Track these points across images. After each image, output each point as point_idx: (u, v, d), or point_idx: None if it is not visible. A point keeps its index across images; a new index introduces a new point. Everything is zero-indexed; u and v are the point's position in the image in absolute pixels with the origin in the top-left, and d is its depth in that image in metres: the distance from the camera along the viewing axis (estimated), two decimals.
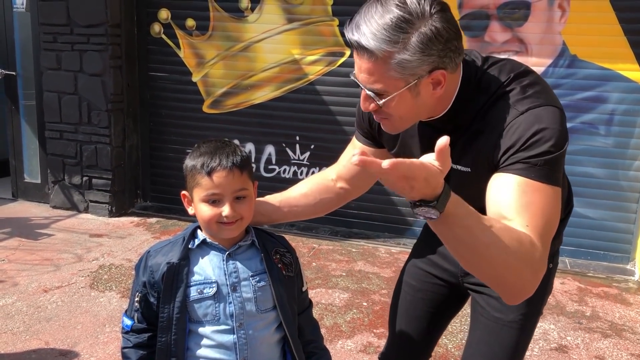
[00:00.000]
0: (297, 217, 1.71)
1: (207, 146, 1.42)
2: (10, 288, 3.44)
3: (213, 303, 1.40)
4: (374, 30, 1.18)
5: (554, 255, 1.59)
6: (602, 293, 3.72)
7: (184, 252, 1.42)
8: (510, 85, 1.30)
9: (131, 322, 1.44)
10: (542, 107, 1.25)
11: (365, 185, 1.73)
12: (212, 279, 1.41)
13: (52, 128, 4.87)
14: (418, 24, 1.18)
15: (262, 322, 1.44)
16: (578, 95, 4.01)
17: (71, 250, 4.07)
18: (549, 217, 1.22)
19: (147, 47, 4.88)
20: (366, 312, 3.34)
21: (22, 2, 4.87)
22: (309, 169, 4.69)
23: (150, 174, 5.13)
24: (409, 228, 4.52)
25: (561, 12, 3.94)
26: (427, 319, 1.78)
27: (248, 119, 4.75)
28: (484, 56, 1.39)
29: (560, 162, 1.25)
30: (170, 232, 4.48)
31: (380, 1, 1.20)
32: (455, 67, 1.26)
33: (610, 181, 4.06)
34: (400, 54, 1.18)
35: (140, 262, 1.46)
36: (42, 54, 4.77)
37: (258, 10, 4.55)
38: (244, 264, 1.44)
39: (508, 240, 1.11)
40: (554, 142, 1.21)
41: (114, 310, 3.22)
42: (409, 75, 1.21)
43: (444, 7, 1.22)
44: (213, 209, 1.38)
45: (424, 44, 1.18)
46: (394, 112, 1.28)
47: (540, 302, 1.60)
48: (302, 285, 1.55)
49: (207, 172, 1.36)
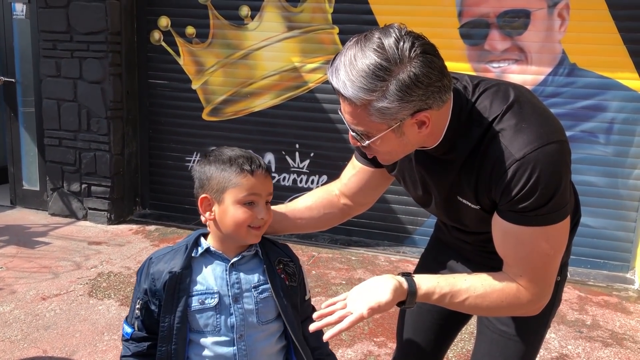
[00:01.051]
0: (300, 229, 1.70)
1: (233, 150, 1.41)
2: (8, 296, 3.42)
3: (214, 314, 1.39)
4: (352, 78, 1.16)
5: (563, 268, 1.58)
6: (603, 302, 3.71)
7: (186, 260, 1.40)
8: (503, 120, 1.25)
9: (131, 330, 1.43)
10: (538, 150, 1.20)
11: (368, 202, 1.73)
12: (214, 290, 1.39)
13: (51, 135, 4.87)
14: (396, 70, 1.14)
15: (263, 333, 1.43)
16: (578, 104, 4.01)
17: (70, 258, 4.05)
18: (547, 258, 1.29)
19: (147, 55, 4.89)
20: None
21: (22, 10, 4.87)
22: (308, 176, 4.68)
23: (150, 182, 5.12)
24: (409, 236, 4.51)
25: (561, 20, 3.95)
26: (434, 330, 1.77)
27: (248, 126, 4.75)
28: (474, 82, 1.34)
29: (561, 198, 1.24)
30: (169, 239, 4.47)
31: (360, 44, 1.17)
32: (442, 103, 1.22)
33: (610, 190, 4.06)
34: (378, 102, 1.16)
35: (142, 269, 1.44)
36: (42, 61, 4.77)
37: (258, 18, 4.56)
38: (247, 274, 1.43)
39: (487, 303, 1.32)
40: (550, 188, 1.21)
41: (112, 318, 3.20)
42: (390, 119, 1.20)
43: (426, 49, 1.17)
44: (248, 211, 1.37)
45: (403, 92, 1.15)
46: (380, 149, 1.29)
47: (548, 316, 1.58)
48: (305, 294, 1.54)
49: (250, 171, 1.36)
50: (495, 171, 1.24)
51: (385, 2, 4.27)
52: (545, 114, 1.29)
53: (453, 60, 4.16)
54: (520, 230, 1.26)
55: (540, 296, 1.33)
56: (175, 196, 5.02)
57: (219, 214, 1.39)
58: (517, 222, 1.26)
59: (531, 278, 1.30)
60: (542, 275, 1.31)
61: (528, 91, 1.36)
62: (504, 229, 1.30)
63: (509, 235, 1.30)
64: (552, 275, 1.33)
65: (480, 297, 1.32)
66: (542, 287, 1.32)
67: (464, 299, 1.33)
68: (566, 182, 1.25)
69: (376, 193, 1.70)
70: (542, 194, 1.21)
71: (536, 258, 1.29)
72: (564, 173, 1.24)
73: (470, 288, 1.33)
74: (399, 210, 4.46)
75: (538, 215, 1.23)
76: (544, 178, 1.20)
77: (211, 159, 1.40)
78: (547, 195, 1.21)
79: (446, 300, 1.33)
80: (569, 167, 1.27)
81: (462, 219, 1.44)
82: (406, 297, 1.31)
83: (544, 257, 1.29)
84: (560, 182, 1.22)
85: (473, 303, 1.33)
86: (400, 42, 1.15)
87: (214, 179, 1.38)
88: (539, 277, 1.31)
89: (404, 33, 1.18)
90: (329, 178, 4.60)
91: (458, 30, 4.15)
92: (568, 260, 1.63)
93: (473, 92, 1.31)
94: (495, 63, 4.11)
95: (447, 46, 4.15)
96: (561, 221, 1.26)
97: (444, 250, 1.72)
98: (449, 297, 1.33)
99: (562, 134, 1.27)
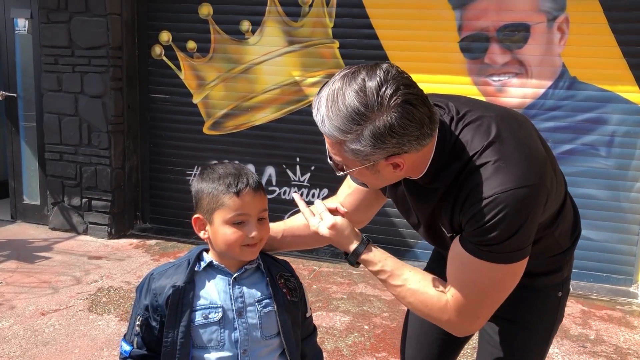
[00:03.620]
0: (299, 246, 1.71)
1: (224, 167, 1.39)
2: (7, 311, 3.40)
3: (218, 328, 1.37)
4: (331, 115, 1.17)
5: (565, 283, 1.57)
6: (606, 316, 3.68)
7: (189, 275, 1.39)
8: (482, 157, 1.25)
9: (130, 348, 1.40)
10: (509, 192, 1.21)
11: (364, 220, 1.73)
12: (217, 304, 1.38)
13: (52, 149, 4.87)
14: (372, 117, 1.14)
15: (266, 348, 1.41)
16: (578, 117, 4.01)
17: (69, 272, 4.03)
18: (482, 294, 1.31)
19: (148, 69, 4.90)
20: (368, 335, 3.29)
21: (25, 25, 4.90)
22: (309, 190, 4.67)
23: (150, 196, 5.11)
24: (410, 250, 4.49)
25: (560, 34, 3.96)
26: (438, 345, 1.75)
27: (248, 140, 4.75)
28: (460, 114, 1.32)
29: (517, 241, 1.24)
30: (170, 254, 4.45)
31: (346, 80, 1.17)
32: (421, 147, 1.21)
33: (611, 203, 4.04)
34: (352, 143, 1.18)
35: (143, 285, 1.42)
36: (43, 75, 4.78)
37: (259, 33, 4.58)
38: (250, 288, 1.42)
39: (413, 300, 1.39)
40: (510, 230, 1.22)
41: (112, 333, 3.18)
42: (363, 159, 1.22)
43: (408, 98, 1.14)
44: (238, 231, 1.35)
45: (376, 138, 1.16)
46: (358, 179, 1.35)
47: (549, 332, 1.57)
48: (307, 311, 1.52)
49: (236, 192, 1.34)
50: (467, 202, 1.26)
51: (385, 17, 4.29)
52: (526, 152, 1.27)
53: (453, 74, 4.17)
54: (468, 259, 1.28)
55: (461, 323, 1.35)
56: (175, 210, 5.01)
57: (212, 233, 1.39)
58: (470, 252, 1.28)
59: (459, 305, 1.32)
60: (469, 306, 1.32)
61: (516, 121, 1.34)
62: (457, 252, 1.32)
63: (458, 259, 1.32)
64: (482, 310, 1.33)
65: (410, 292, 1.39)
66: (465, 315, 1.33)
67: (397, 285, 1.40)
68: (529, 227, 1.25)
69: (371, 211, 1.71)
70: (500, 234, 1.22)
71: (471, 288, 1.30)
72: (530, 218, 1.24)
73: (409, 280, 1.39)
74: (399, 223, 4.44)
75: (490, 252, 1.25)
76: (506, 219, 1.21)
77: (204, 176, 1.40)
78: (504, 236, 1.22)
79: (383, 277, 1.42)
80: (539, 210, 1.27)
81: (443, 244, 1.46)
82: (352, 249, 1.43)
83: (480, 291, 1.30)
84: (522, 226, 1.23)
85: (402, 294, 1.40)
86: (382, 87, 1.14)
87: (204, 199, 1.37)
88: (466, 307, 1.32)
89: (389, 77, 1.15)
90: (329, 191, 4.59)
91: (458, 44, 4.16)
92: (570, 274, 1.61)
93: (457, 126, 1.31)
94: (495, 77, 4.12)
95: (447, 60, 4.18)
96: (512, 263, 1.27)
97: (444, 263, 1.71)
98: (387, 275, 1.41)
99: (540, 176, 1.26)
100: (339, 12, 4.39)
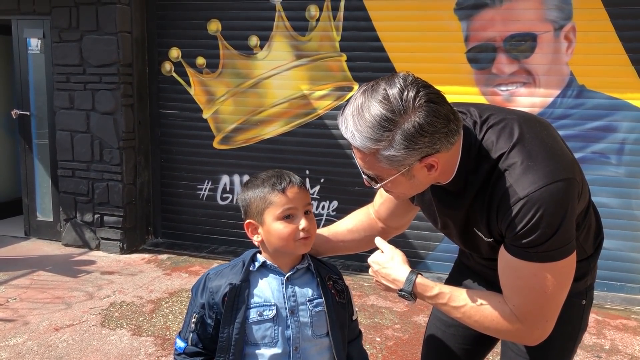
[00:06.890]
0: (341, 251, 1.75)
1: (266, 173, 1.49)
2: (22, 327, 3.42)
3: (272, 325, 1.42)
4: (360, 129, 1.20)
5: (588, 291, 1.57)
6: (621, 325, 3.65)
7: (245, 274, 1.45)
8: (509, 157, 1.27)
9: (184, 344, 1.46)
10: (542, 189, 1.22)
11: (402, 226, 1.77)
12: (271, 302, 1.44)
13: (64, 166, 4.93)
14: (401, 121, 1.17)
15: (316, 347, 1.46)
16: (588, 125, 4.00)
17: (82, 288, 4.06)
18: (542, 295, 1.29)
19: (158, 85, 4.96)
20: (379, 347, 3.28)
21: (37, 45, 4.98)
22: (319, 202, 4.68)
23: (162, 211, 5.14)
24: (421, 261, 4.48)
25: (567, 43, 3.97)
26: (460, 355, 1.75)
27: (258, 154, 4.78)
28: (483, 118, 1.35)
29: (563, 236, 1.25)
30: (182, 268, 4.47)
31: (367, 94, 1.21)
32: (451, 146, 1.24)
33: (623, 210, 4.02)
34: (385, 150, 1.21)
35: (199, 284, 1.48)
36: (56, 93, 4.85)
37: (267, 48, 4.63)
38: (301, 288, 1.47)
39: (480, 317, 1.36)
40: (552, 227, 1.22)
41: (124, 348, 3.19)
42: (399, 165, 1.24)
43: (430, 97, 1.19)
44: (289, 225, 1.42)
45: (408, 140, 1.18)
46: (393, 190, 1.35)
47: (573, 341, 1.57)
48: (353, 314, 1.58)
49: (281, 189, 1.43)
50: (502, 208, 1.27)
51: (392, 29, 4.32)
52: (552, 150, 1.29)
53: (461, 84, 4.18)
54: (519, 264, 1.28)
55: (531, 332, 1.33)
56: (187, 225, 5.04)
57: (265, 234, 1.46)
58: (518, 256, 1.28)
59: (524, 313, 1.31)
60: (535, 312, 1.31)
61: (538, 123, 1.36)
62: (506, 260, 1.32)
63: (509, 268, 1.32)
64: (547, 312, 1.32)
65: (475, 309, 1.36)
66: (533, 322, 1.32)
67: (460, 305, 1.38)
68: (570, 220, 1.25)
69: (407, 218, 1.75)
70: (544, 232, 1.22)
71: (531, 293, 1.30)
72: (568, 211, 1.24)
73: (469, 298, 1.37)
74: (411, 235, 4.44)
75: (538, 253, 1.25)
76: (546, 217, 1.21)
77: (248, 185, 1.49)
78: (548, 233, 1.22)
79: (443, 300, 1.40)
80: (575, 203, 1.27)
81: (478, 248, 1.47)
82: (405, 281, 1.43)
83: (540, 294, 1.29)
84: (563, 221, 1.23)
85: (468, 313, 1.37)
86: (404, 92, 1.18)
87: (252, 204, 1.46)
88: (532, 313, 1.31)
89: (408, 82, 1.20)
90: (339, 203, 4.60)
91: (465, 55, 4.17)
92: (594, 283, 1.61)
93: (481, 128, 1.33)
94: (503, 86, 4.12)
95: (454, 71, 4.19)
96: (562, 259, 1.27)
97: (468, 274, 1.72)
98: (447, 298, 1.39)
99: (569, 170, 1.27)
100: (346, 26, 4.43)
